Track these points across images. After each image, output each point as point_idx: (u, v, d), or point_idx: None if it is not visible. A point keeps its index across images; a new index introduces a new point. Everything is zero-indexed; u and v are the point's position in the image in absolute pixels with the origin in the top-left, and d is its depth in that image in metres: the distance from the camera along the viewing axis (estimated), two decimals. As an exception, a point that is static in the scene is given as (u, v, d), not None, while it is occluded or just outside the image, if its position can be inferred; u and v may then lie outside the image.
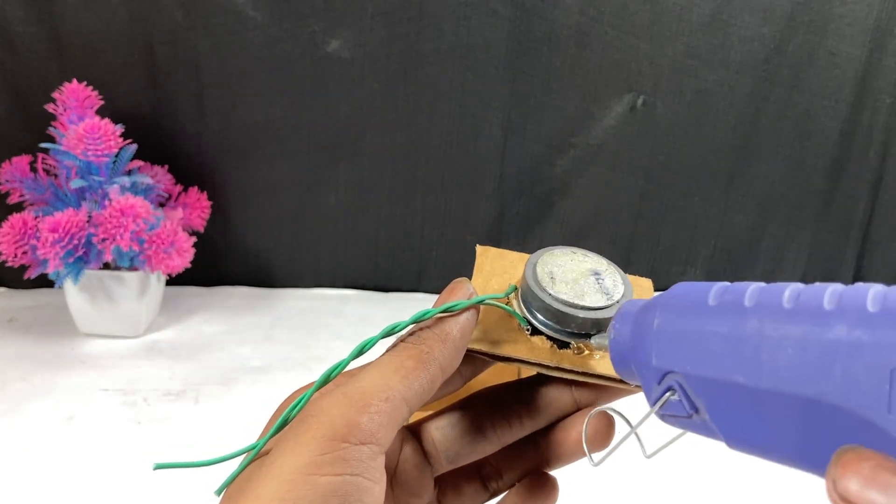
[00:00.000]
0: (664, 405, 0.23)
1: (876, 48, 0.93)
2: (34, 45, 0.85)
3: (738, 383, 0.21)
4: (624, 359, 0.26)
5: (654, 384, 0.24)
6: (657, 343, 0.24)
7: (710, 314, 0.22)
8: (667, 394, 0.23)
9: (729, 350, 0.21)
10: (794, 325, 0.19)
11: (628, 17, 0.89)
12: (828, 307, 0.19)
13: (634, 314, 0.26)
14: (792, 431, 0.20)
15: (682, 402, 0.23)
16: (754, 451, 0.21)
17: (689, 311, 0.23)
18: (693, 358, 0.22)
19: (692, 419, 0.23)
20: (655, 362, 0.23)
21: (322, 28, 0.87)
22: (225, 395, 0.73)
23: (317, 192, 0.96)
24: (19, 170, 0.80)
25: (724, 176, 0.99)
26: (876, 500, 0.15)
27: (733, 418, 0.21)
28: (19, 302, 0.92)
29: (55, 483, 0.59)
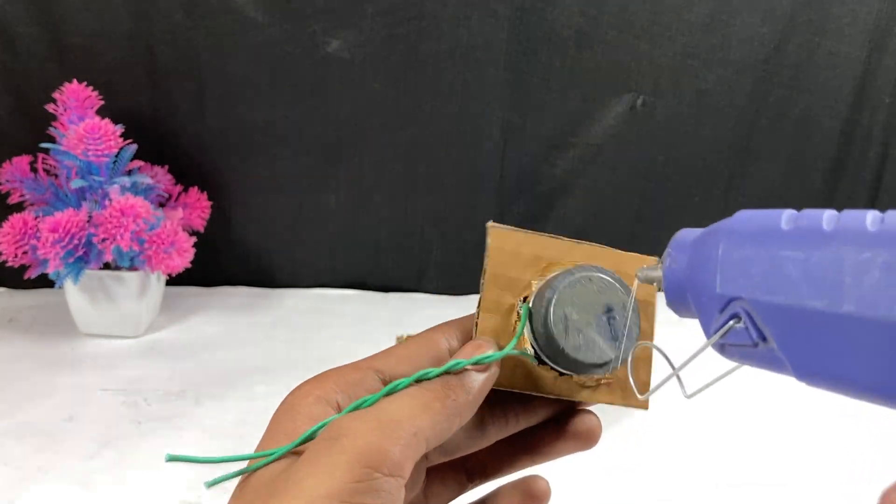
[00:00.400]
0: (726, 334, 0.22)
1: (875, 48, 0.93)
2: (35, 45, 0.85)
3: (816, 309, 0.20)
4: (680, 288, 0.24)
5: (716, 313, 0.23)
6: (723, 269, 0.22)
7: (784, 238, 0.21)
8: (731, 321, 0.22)
9: (807, 275, 0.20)
10: (880, 247, 0.18)
11: (628, 17, 0.89)
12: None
13: (692, 241, 0.24)
14: (875, 360, 0.19)
15: (747, 331, 0.22)
16: (827, 383, 0.20)
17: (760, 237, 0.22)
18: (765, 283, 0.21)
19: (758, 349, 0.22)
20: (720, 289, 0.22)
21: (322, 28, 0.87)
22: (225, 395, 0.73)
23: (317, 192, 0.96)
24: (20, 170, 0.80)
25: (724, 176, 0.99)
26: None
27: (807, 347, 0.20)
28: (19, 302, 0.92)
29: (55, 483, 0.59)
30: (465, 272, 1.02)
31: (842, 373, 0.19)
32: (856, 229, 0.19)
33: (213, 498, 0.57)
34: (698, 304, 0.24)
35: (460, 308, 1.00)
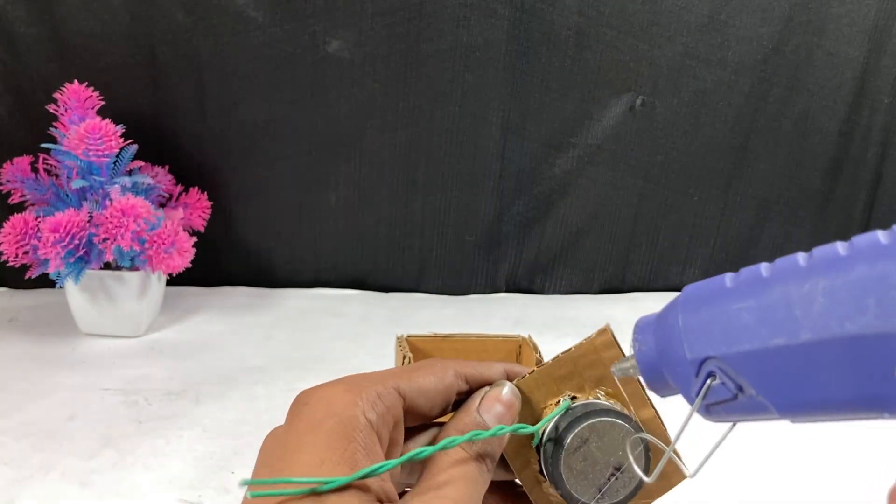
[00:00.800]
0: (707, 394, 0.24)
1: (874, 49, 0.93)
2: (36, 45, 0.85)
3: (778, 346, 0.21)
4: (654, 367, 0.26)
5: (692, 378, 0.24)
6: (687, 336, 0.24)
7: (732, 294, 0.23)
8: (708, 380, 0.23)
9: (761, 318, 0.22)
10: (817, 277, 0.20)
11: (627, 17, 0.90)
12: (843, 253, 0.20)
13: (653, 322, 0.26)
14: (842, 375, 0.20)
15: (725, 385, 0.23)
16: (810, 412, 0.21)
17: (711, 299, 0.24)
18: (727, 337, 0.23)
19: (738, 400, 0.23)
20: (689, 354, 0.24)
21: (322, 28, 0.87)
22: (225, 394, 0.73)
23: (317, 191, 0.96)
24: (20, 170, 0.81)
25: (723, 176, 0.99)
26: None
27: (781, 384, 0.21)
28: (20, 302, 0.92)
29: (56, 482, 0.59)
30: (465, 272, 1.02)
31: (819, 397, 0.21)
32: (790, 268, 0.21)
33: (213, 498, 0.57)
34: (675, 376, 0.25)
35: (460, 308, 1.01)
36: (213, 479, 0.59)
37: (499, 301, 1.02)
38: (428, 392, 0.29)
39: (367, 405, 0.27)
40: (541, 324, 0.93)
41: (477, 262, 1.02)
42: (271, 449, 0.26)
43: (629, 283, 1.05)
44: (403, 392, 0.28)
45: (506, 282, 1.05)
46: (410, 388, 0.29)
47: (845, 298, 0.20)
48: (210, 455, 0.63)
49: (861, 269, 0.20)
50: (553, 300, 1.03)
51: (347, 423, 0.26)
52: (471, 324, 0.92)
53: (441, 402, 0.30)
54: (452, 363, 0.31)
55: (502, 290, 1.05)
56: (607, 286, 1.05)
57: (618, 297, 1.03)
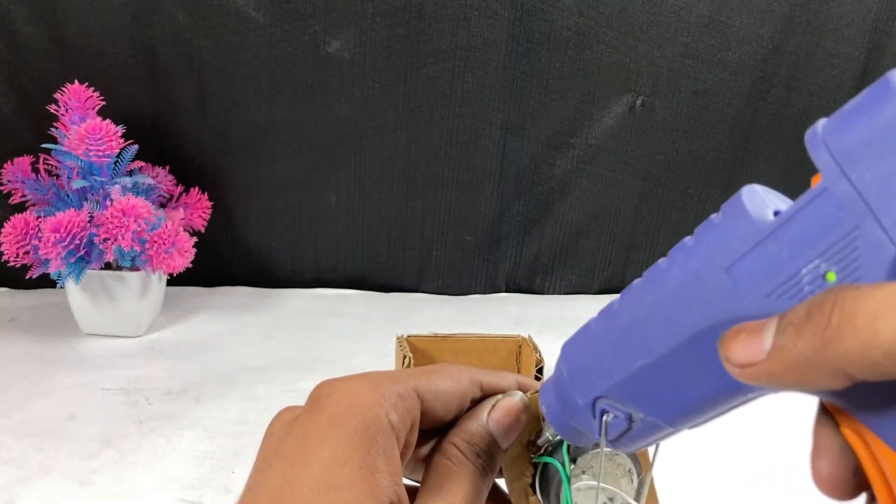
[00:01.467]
0: (608, 430, 0.25)
1: (874, 49, 0.93)
2: (37, 45, 0.85)
3: (644, 366, 0.23)
4: (563, 423, 0.28)
5: (593, 420, 0.26)
6: (573, 384, 0.26)
7: (595, 333, 0.26)
8: (604, 417, 0.25)
9: (620, 347, 0.24)
10: (649, 294, 0.23)
11: (627, 18, 0.90)
12: (664, 266, 0.23)
13: (550, 383, 0.28)
14: (701, 373, 0.22)
15: (617, 417, 0.25)
16: (692, 415, 0.23)
17: (583, 344, 0.26)
18: (602, 373, 0.25)
19: (634, 427, 0.25)
20: (581, 401, 0.26)
21: (323, 29, 0.87)
22: (225, 394, 0.73)
23: (317, 191, 0.96)
24: (21, 170, 0.81)
25: (723, 176, 0.99)
26: (753, 348, 0.19)
27: (657, 399, 0.24)
28: (21, 302, 0.93)
29: (56, 481, 0.59)
30: (465, 272, 1.02)
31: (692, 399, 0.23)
32: (631, 293, 0.24)
33: (213, 498, 0.57)
34: (580, 422, 0.27)
35: (460, 308, 1.01)
36: (213, 479, 0.59)
37: (499, 301, 1.02)
38: (444, 396, 0.29)
39: (390, 406, 0.26)
40: (541, 324, 0.93)
41: (477, 262, 1.02)
42: (285, 436, 0.26)
43: (629, 283, 1.05)
44: (422, 394, 0.28)
45: (506, 282, 1.05)
46: (429, 391, 0.28)
47: (673, 305, 0.22)
48: (210, 455, 0.63)
49: (677, 276, 0.22)
50: (553, 300, 1.03)
51: (371, 424, 0.25)
52: (471, 324, 0.92)
53: (456, 407, 0.30)
54: (467, 369, 0.31)
55: (502, 290, 1.05)
56: (607, 286, 1.05)
57: (618, 297, 1.03)
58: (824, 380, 0.17)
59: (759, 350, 0.18)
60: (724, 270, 0.21)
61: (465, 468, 0.28)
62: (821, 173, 0.19)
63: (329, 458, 0.24)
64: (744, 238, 0.21)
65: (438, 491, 0.27)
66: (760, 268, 0.20)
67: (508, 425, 0.30)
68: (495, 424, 0.29)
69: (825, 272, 0.19)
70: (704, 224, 0.22)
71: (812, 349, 0.17)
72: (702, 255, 0.22)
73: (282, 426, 0.27)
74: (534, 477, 0.32)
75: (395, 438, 0.26)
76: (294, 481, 0.24)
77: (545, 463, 0.31)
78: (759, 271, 0.20)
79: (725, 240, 0.21)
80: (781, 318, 0.18)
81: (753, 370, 0.19)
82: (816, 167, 0.19)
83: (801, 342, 0.17)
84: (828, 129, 0.19)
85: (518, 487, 0.32)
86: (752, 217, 0.21)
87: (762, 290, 0.20)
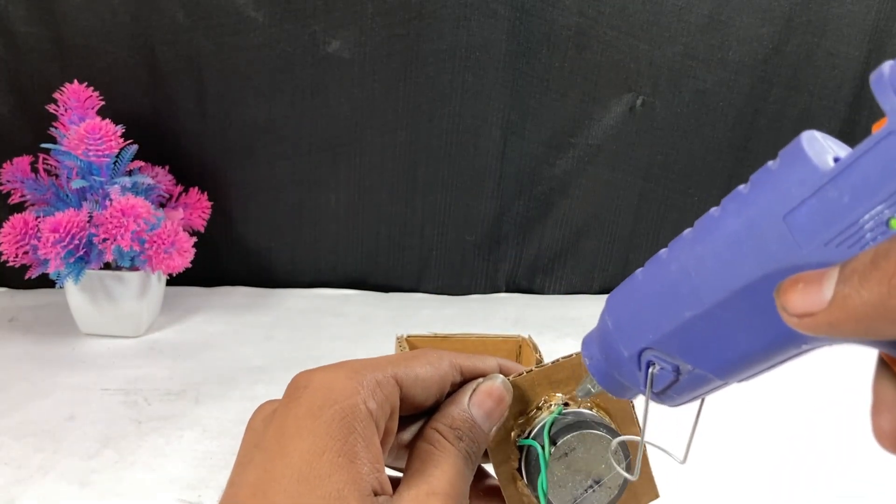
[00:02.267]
0: (654, 382, 0.25)
1: (874, 49, 0.93)
2: (36, 45, 0.85)
3: (692, 317, 0.23)
4: (606, 374, 0.27)
5: (638, 372, 0.25)
6: (619, 336, 0.25)
7: (643, 284, 0.25)
8: (650, 369, 0.25)
9: (671, 297, 0.23)
10: (700, 243, 0.22)
11: (627, 17, 0.90)
12: (716, 214, 0.22)
13: (594, 334, 0.28)
14: (754, 324, 0.21)
15: (664, 369, 0.24)
16: (744, 367, 0.23)
17: (629, 295, 0.25)
18: (649, 325, 0.24)
19: (681, 379, 0.24)
20: (626, 352, 0.25)
21: (322, 28, 0.87)
22: (225, 394, 0.73)
23: (317, 191, 0.96)
24: (20, 170, 0.81)
25: (723, 175, 0.99)
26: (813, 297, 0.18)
27: (707, 351, 0.23)
28: (20, 302, 0.92)
29: (56, 482, 0.59)
30: (465, 272, 1.02)
31: (743, 351, 0.22)
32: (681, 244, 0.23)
33: (213, 498, 0.57)
34: (625, 376, 0.26)
35: (460, 308, 1.01)
36: (213, 479, 0.59)
37: (499, 301, 1.02)
38: (424, 381, 0.29)
39: (368, 393, 0.26)
40: (541, 324, 0.93)
41: (477, 262, 1.02)
42: (265, 429, 0.26)
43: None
44: (401, 380, 0.28)
45: (506, 282, 1.05)
46: (407, 376, 0.28)
47: (726, 254, 0.21)
48: (210, 455, 0.63)
49: (731, 224, 0.21)
50: (553, 300, 1.03)
51: (349, 412, 0.25)
52: (471, 324, 0.92)
53: (436, 392, 0.30)
54: (448, 354, 0.31)
55: (502, 290, 1.05)
56: (607, 286, 1.05)
57: (618, 298, 1.03)
58: (890, 328, 0.17)
59: (820, 299, 0.18)
60: (782, 218, 0.20)
61: (447, 452, 0.28)
62: (887, 116, 0.18)
63: (308, 448, 0.24)
64: (803, 184, 0.20)
65: (421, 475, 0.27)
66: (820, 215, 0.19)
67: (490, 408, 0.30)
68: (477, 408, 0.29)
69: (889, 219, 0.18)
70: (760, 171, 0.21)
71: (878, 297, 0.16)
72: (758, 203, 0.21)
73: (261, 419, 0.27)
74: (520, 461, 0.32)
75: (374, 425, 0.26)
76: (274, 473, 0.24)
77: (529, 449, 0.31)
78: (819, 219, 0.19)
79: (783, 186, 0.20)
80: (844, 266, 0.18)
81: (813, 320, 0.18)
82: (882, 110, 0.18)
83: (865, 290, 0.17)
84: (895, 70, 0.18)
85: (504, 472, 0.32)
86: (812, 162, 0.20)
87: (821, 238, 0.19)
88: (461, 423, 0.29)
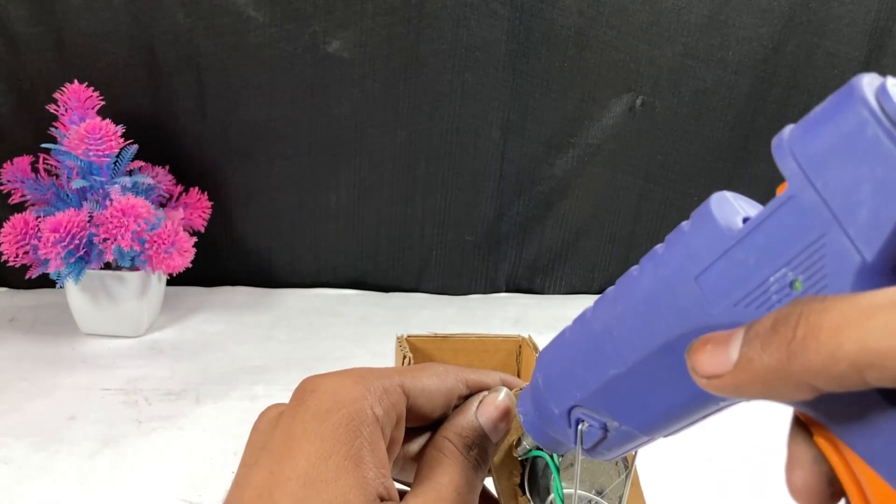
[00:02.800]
0: (584, 438, 0.25)
1: (874, 49, 0.93)
2: (37, 45, 0.85)
3: (617, 375, 0.23)
4: (540, 431, 0.28)
5: (568, 429, 0.26)
6: (548, 394, 0.26)
7: (569, 342, 0.25)
8: (579, 426, 0.25)
9: (594, 355, 0.24)
10: (620, 303, 0.23)
11: (627, 17, 0.90)
12: (635, 274, 0.23)
13: (527, 391, 0.28)
14: (672, 381, 0.22)
15: (592, 426, 0.25)
16: (667, 424, 0.23)
17: (556, 353, 0.26)
18: (576, 383, 0.25)
19: (609, 436, 0.25)
20: (556, 410, 0.26)
21: (322, 28, 0.87)
22: (225, 394, 0.73)
23: (317, 191, 0.96)
24: (21, 170, 0.81)
25: (723, 175, 0.99)
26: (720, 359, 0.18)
27: (631, 408, 0.23)
28: (20, 302, 0.93)
29: (56, 482, 0.59)
30: (465, 272, 1.02)
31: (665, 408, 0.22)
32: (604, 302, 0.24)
33: (213, 498, 0.57)
34: (557, 431, 0.26)
35: (460, 308, 1.01)
36: (214, 479, 0.59)
37: (499, 301, 1.02)
38: (430, 392, 0.29)
39: (375, 399, 0.26)
40: (541, 324, 0.93)
41: (477, 262, 1.02)
42: (271, 431, 0.26)
43: (629, 283, 1.05)
44: (408, 390, 0.28)
45: (506, 282, 1.05)
46: (414, 387, 0.28)
47: (644, 313, 0.22)
48: (210, 455, 0.63)
49: (647, 284, 0.22)
50: (553, 300, 1.03)
51: (355, 416, 0.25)
52: (471, 324, 0.92)
53: (442, 404, 0.30)
54: (453, 368, 0.31)
55: (502, 290, 1.05)
56: (607, 286, 1.04)
57: (618, 297, 1.03)
58: (790, 392, 0.17)
59: (726, 361, 0.18)
60: (694, 279, 0.20)
61: (456, 459, 0.28)
62: (787, 181, 0.18)
63: (314, 451, 0.24)
64: (712, 246, 0.20)
65: (430, 482, 0.27)
66: (729, 276, 0.20)
67: (496, 419, 0.30)
68: (485, 419, 0.29)
69: (792, 280, 0.18)
70: (674, 232, 0.22)
71: (778, 362, 0.17)
72: (671, 263, 0.21)
73: (267, 422, 0.27)
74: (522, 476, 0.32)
75: (380, 431, 0.26)
76: (280, 475, 0.24)
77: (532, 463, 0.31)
78: (728, 279, 0.20)
79: (694, 248, 0.21)
80: (748, 329, 0.18)
81: (720, 381, 0.18)
82: (783, 175, 0.18)
83: (766, 354, 0.17)
84: (794, 135, 0.18)
85: (507, 489, 0.32)
86: (720, 225, 0.20)
87: (731, 298, 0.20)
88: (470, 431, 0.29)
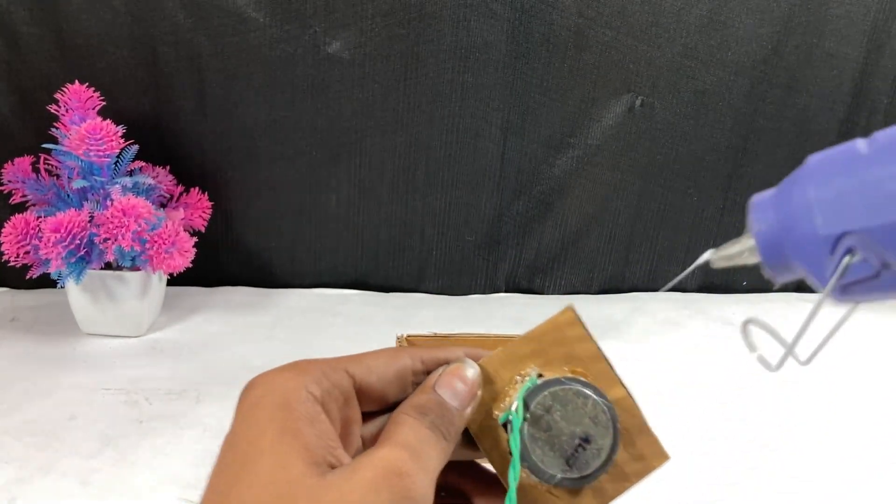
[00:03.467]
0: (845, 272, 0.21)
1: (873, 49, 0.93)
2: (38, 45, 0.85)
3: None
4: (776, 247, 0.24)
5: (825, 256, 0.22)
6: (821, 210, 0.22)
7: (870, 161, 0.21)
8: (847, 257, 0.21)
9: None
10: None
11: (626, 18, 0.90)
12: None
13: (772, 199, 0.24)
14: None
15: (866, 262, 0.21)
16: None
17: (845, 168, 0.21)
18: (869, 208, 0.20)
19: (881, 277, 0.21)
20: (824, 230, 0.21)
21: (323, 29, 0.87)
22: (226, 394, 0.73)
23: (317, 192, 0.96)
24: (21, 170, 0.81)
25: (722, 176, 0.99)
26: None
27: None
28: (21, 302, 0.93)
29: (57, 481, 0.59)
30: (465, 272, 1.03)
31: None
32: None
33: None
34: (803, 254, 0.22)
35: (460, 308, 1.01)
36: (214, 479, 0.59)
37: (499, 301, 1.02)
38: (379, 371, 0.29)
39: (311, 381, 0.27)
40: (541, 324, 0.93)
41: (477, 262, 1.02)
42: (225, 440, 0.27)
43: (629, 283, 1.05)
44: (352, 371, 0.29)
45: (506, 282, 1.05)
46: (360, 367, 0.29)
47: None
48: (211, 455, 0.63)
49: None
50: (553, 300, 1.03)
51: (289, 395, 0.26)
52: (471, 324, 0.92)
53: (396, 383, 0.30)
54: (407, 348, 0.31)
55: (502, 290, 1.05)
56: (607, 286, 1.05)
57: (618, 297, 1.03)
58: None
59: None
60: None
61: (407, 423, 0.28)
62: None
63: (251, 434, 0.25)
64: None
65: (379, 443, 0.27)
66: None
67: (457, 388, 0.29)
68: (444, 389, 0.29)
69: None
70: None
71: None
72: None
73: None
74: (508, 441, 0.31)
75: (319, 407, 0.26)
76: (221, 465, 0.26)
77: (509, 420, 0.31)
78: None
79: None
80: None
81: None
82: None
83: None
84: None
85: (497, 456, 0.31)
86: None
87: None
88: (426, 401, 0.29)
